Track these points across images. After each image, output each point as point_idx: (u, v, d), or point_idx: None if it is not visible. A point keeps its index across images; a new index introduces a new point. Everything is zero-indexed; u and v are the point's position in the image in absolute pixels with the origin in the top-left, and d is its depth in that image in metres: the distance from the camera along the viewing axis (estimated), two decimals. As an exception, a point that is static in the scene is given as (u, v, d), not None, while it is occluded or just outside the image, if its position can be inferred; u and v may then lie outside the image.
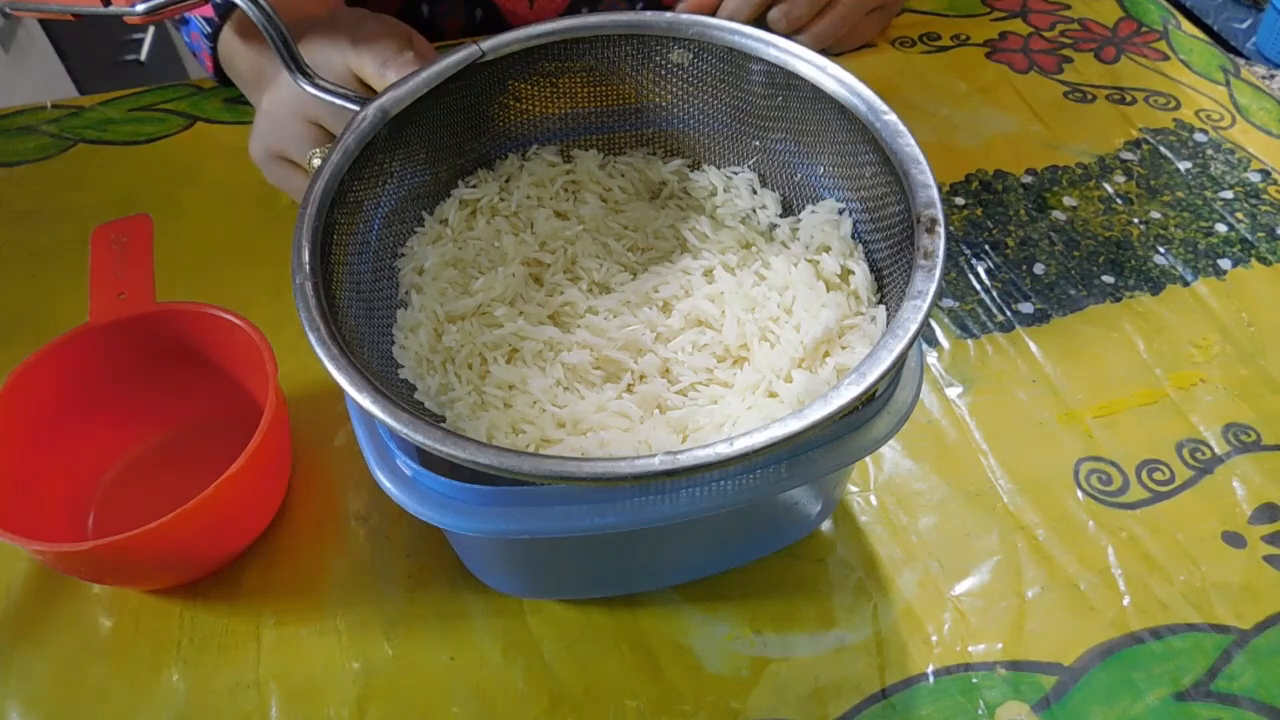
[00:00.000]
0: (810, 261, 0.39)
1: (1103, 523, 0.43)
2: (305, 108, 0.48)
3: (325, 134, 0.49)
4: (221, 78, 0.62)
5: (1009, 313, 0.52)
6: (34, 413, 0.41)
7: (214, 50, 0.59)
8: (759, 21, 0.61)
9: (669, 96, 0.43)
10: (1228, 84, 0.66)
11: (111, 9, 0.43)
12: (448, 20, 0.71)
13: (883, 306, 0.37)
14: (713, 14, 0.42)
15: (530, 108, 0.43)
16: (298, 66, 0.42)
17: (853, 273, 0.38)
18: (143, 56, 1.47)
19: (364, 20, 0.50)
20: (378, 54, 0.45)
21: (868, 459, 0.45)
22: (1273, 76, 0.70)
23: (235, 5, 0.43)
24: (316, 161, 0.38)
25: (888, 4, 0.67)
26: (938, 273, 0.32)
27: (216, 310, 0.43)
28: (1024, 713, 0.38)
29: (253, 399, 0.45)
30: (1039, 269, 0.54)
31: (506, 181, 0.43)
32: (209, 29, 0.58)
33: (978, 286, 0.53)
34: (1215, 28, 0.78)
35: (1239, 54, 0.72)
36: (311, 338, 0.32)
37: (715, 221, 0.43)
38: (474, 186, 0.43)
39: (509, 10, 0.70)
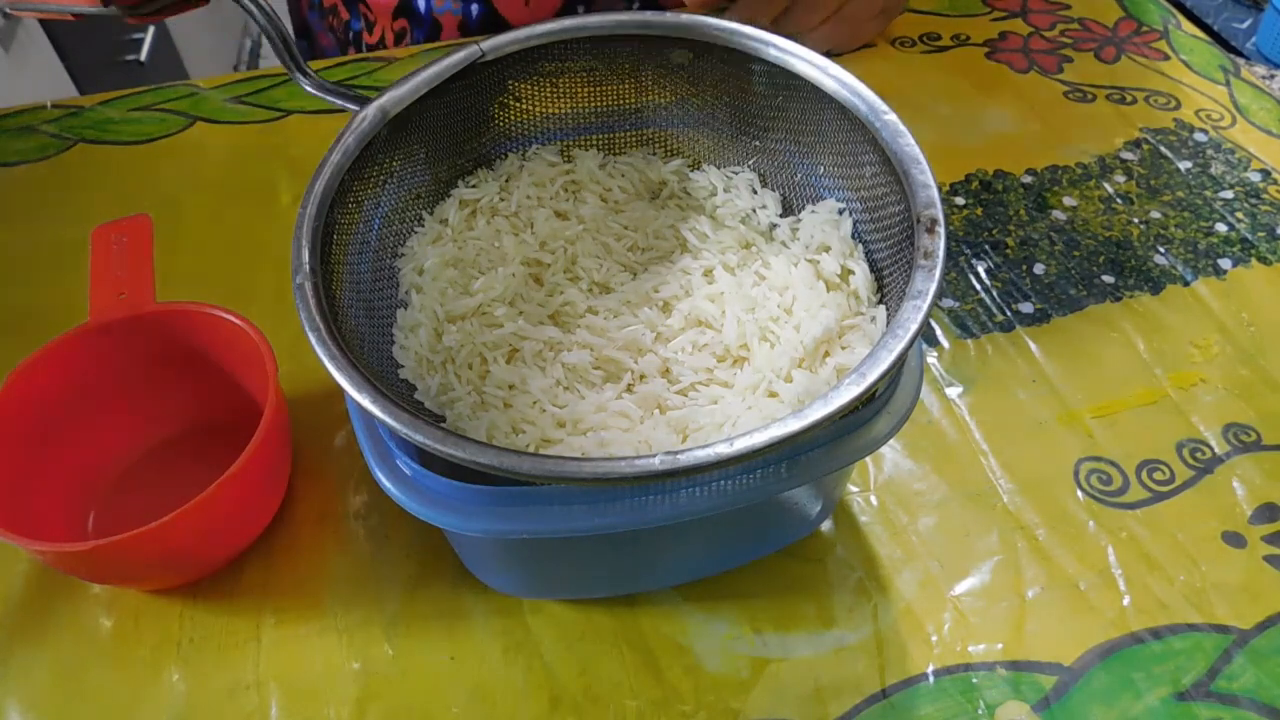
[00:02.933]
0: (810, 261, 0.39)
1: (1103, 523, 0.43)
2: None
3: None
4: None
5: (1009, 313, 0.52)
6: (33, 413, 0.41)
7: None
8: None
9: (669, 96, 0.43)
10: (1228, 84, 0.66)
11: (111, 9, 0.43)
12: (445, 15, 0.71)
13: (883, 306, 0.37)
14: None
15: (530, 108, 0.43)
16: (298, 67, 0.42)
17: (853, 273, 0.38)
18: (143, 56, 1.47)
19: None
20: None
21: (868, 459, 0.45)
22: (1273, 76, 0.70)
23: (236, 3, 0.43)
24: None
25: (890, 8, 0.67)
26: (938, 273, 0.32)
27: (217, 310, 0.43)
28: (1024, 713, 0.38)
29: (253, 399, 0.45)
30: (1039, 269, 0.54)
31: (506, 181, 0.43)
32: None
33: (978, 286, 0.53)
34: (1215, 28, 0.78)
35: (1239, 54, 0.72)
36: (311, 338, 0.32)
37: (715, 221, 0.43)
38: (474, 186, 0.43)
39: (504, 8, 0.70)
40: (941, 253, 0.33)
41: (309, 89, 0.42)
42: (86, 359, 0.43)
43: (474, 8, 0.70)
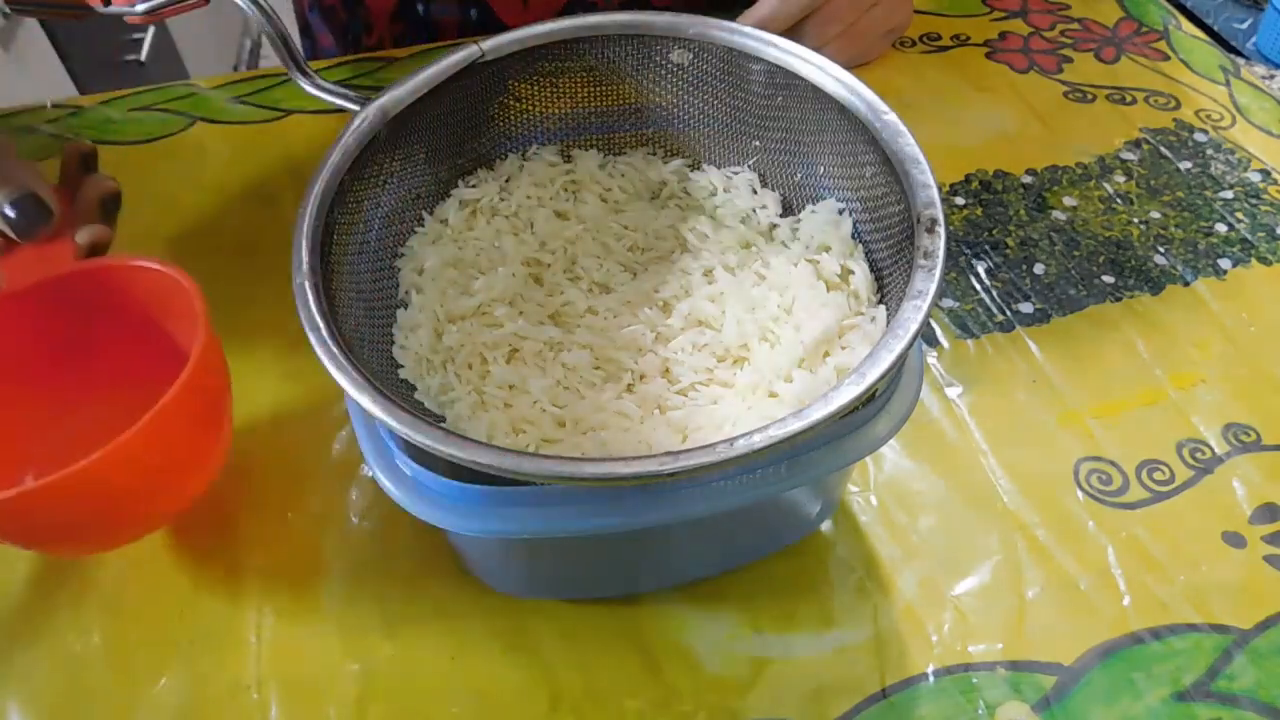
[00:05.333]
0: (810, 261, 0.39)
1: (1103, 523, 0.43)
2: None
3: None
4: None
5: (1009, 313, 0.52)
6: None
7: None
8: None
9: (669, 96, 0.43)
10: (1228, 84, 0.66)
11: (111, 9, 0.44)
12: (443, 18, 0.71)
13: (883, 306, 0.37)
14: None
15: (530, 108, 0.43)
16: (298, 67, 0.42)
17: (853, 273, 0.38)
18: (143, 56, 1.47)
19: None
20: None
21: (868, 459, 0.45)
22: (1273, 76, 0.70)
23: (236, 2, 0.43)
24: None
25: (898, 26, 0.67)
26: (938, 273, 0.32)
27: (137, 261, 0.41)
28: (1024, 713, 0.38)
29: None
30: (1039, 269, 0.54)
31: (506, 181, 0.43)
32: None
33: (978, 286, 0.53)
34: (1215, 28, 0.78)
35: (1239, 54, 0.72)
36: (311, 338, 0.32)
37: (715, 222, 0.43)
38: (474, 186, 0.43)
39: (503, 12, 0.70)
40: (941, 253, 0.33)
41: (309, 89, 0.42)
42: (7, 327, 0.42)
43: (472, 11, 0.70)
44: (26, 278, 0.41)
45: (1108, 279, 0.54)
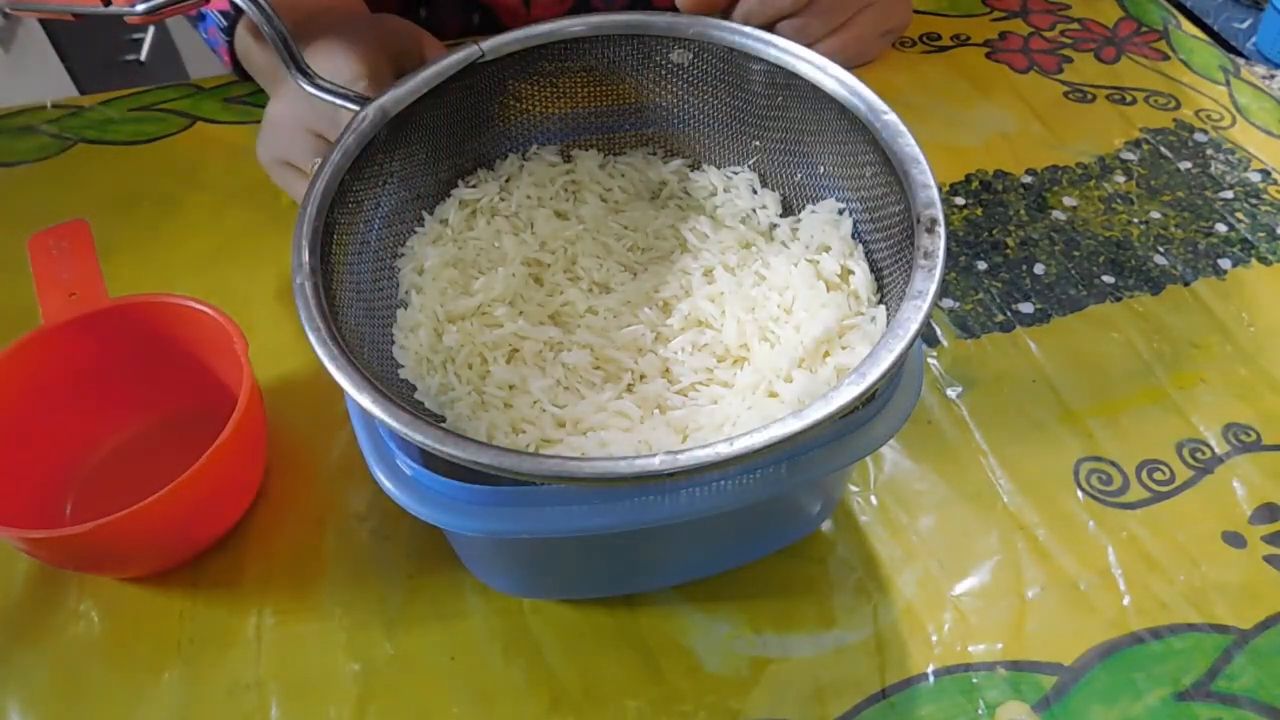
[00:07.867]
0: (810, 261, 0.39)
1: (1103, 523, 0.43)
2: (307, 119, 0.49)
3: (327, 144, 0.49)
4: (240, 72, 0.62)
5: (1009, 313, 0.52)
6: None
7: (231, 45, 0.59)
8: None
9: (669, 96, 0.43)
10: (1228, 84, 0.66)
11: (111, 9, 0.44)
12: (446, 24, 0.71)
13: (883, 306, 0.37)
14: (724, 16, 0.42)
15: (530, 108, 0.43)
16: (298, 66, 0.42)
17: (853, 273, 0.38)
18: (143, 56, 1.47)
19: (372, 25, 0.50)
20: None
21: (868, 459, 0.45)
22: (1273, 76, 0.70)
23: (235, 2, 0.43)
24: None
25: (896, 27, 0.67)
26: (938, 273, 0.32)
27: (175, 299, 0.43)
28: (1024, 713, 0.38)
29: (224, 383, 0.45)
30: (1039, 269, 0.54)
31: (506, 181, 0.43)
32: (225, 23, 0.58)
33: (978, 286, 0.53)
34: (1215, 28, 0.78)
35: (1239, 54, 0.72)
36: (311, 338, 0.32)
37: (715, 222, 0.43)
38: (474, 186, 0.43)
39: (506, 16, 0.70)
40: (941, 253, 0.33)
41: (308, 89, 0.42)
42: (44, 360, 0.43)
43: (475, 16, 0.70)
44: (61, 314, 0.43)
45: (1108, 279, 0.54)
